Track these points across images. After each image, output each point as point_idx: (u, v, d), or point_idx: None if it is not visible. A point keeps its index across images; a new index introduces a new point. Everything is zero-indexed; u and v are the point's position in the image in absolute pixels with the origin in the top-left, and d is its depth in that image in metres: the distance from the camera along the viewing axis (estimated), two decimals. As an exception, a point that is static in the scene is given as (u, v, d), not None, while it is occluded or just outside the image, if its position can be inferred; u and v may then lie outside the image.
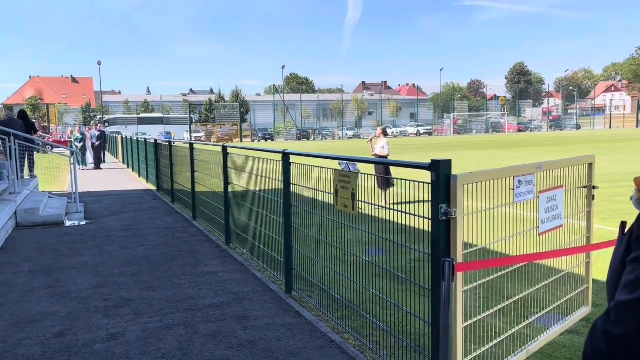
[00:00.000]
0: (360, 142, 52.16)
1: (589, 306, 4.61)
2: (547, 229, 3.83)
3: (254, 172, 6.85)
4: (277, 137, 65.30)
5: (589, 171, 4.43)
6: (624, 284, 1.13)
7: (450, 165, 3.01)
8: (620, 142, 34.47)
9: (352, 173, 4.15)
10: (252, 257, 6.91)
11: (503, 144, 36.64)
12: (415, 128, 68.27)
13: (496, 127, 69.72)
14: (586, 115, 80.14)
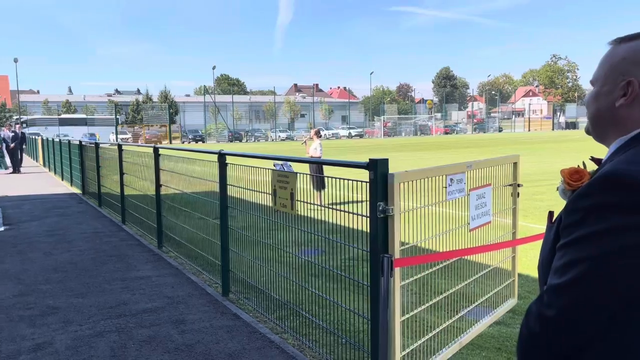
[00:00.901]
0: (293, 144, 52.31)
1: (515, 298, 4.86)
2: (477, 225, 4.01)
3: (187, 173, 6.72)
4: (208, 138, 64.22)
5: (514, 170, 4.68)
6: (555, 269, 1.21)
7: (387, 164, 3.09)
8: (538, 144, 36.52)
9: (290, 173, 4.16)
10: (186, 260, 6.78)
11: (431, 146, 37.92)
12: (347, 130, 69.25)
13: (424, 129, 71.98)
14: (507, 119, 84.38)
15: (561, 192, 1.36)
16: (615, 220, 1.11)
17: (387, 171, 3.08)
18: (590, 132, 1.39)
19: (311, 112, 77.90)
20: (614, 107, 1.28)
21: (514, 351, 4.14)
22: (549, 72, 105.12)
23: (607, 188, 1.13)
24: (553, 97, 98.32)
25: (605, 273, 1.12)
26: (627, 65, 1.26)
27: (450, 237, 3.85)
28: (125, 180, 9.68)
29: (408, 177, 3.18)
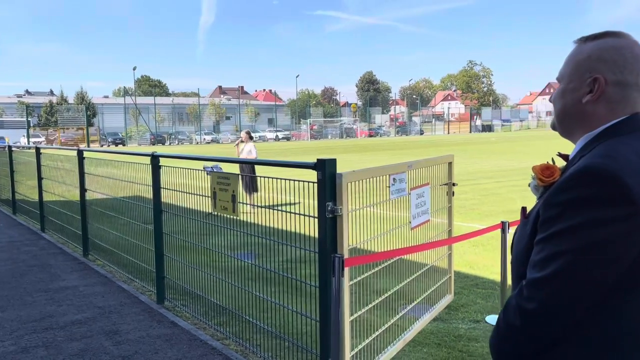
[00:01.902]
0: (220, 147, 51.47)
1: (452, 294, 5.01)
2: (417, 224, 4.09)
3: (115, 177, 6.42)
4: (129, 141, 61.87)
5: (449, 170, 4.83)
6: (534, 263, 1.24)
7: (335, 164, 3.09)
8: (457, 146, 38.08)
9: (232, 175, 4.07)
10: (115, 268, 6.46)
11: (358, 148, 38.57)
12: (274, 133, 69.06)
13: (349, 132, 73.11)
14: (428, 122, 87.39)
15: (533, 188, 1.40)
16: (593, 214, 1.14)
17: (335, 171, 3.07)
18: (556, 128, 1.44)
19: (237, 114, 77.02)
20: (581, 103, 1.33)
21: (453, 346, 4.26)
22: (465, 77, 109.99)
23: (585, 182, 1.17)
24: (470, 101, 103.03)
25: (585, 266, 1.15)
26: (593, 63, 1.31)
27: (393, 236, 3.91)
28: (44, 185, 9.11)
29: (356, 176, 3.19)
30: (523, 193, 12.98)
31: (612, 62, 1.29)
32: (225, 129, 76.14)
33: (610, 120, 1.29)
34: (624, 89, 1.29)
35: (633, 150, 1.20)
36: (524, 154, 27.89)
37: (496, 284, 5.87)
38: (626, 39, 1.31)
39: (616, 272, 1.15)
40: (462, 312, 5.04)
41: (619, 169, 1.14)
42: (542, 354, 1.26)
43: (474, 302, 5.34)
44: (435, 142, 46.74)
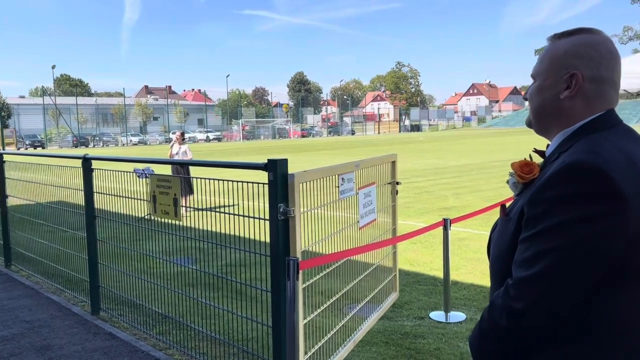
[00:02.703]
0: (147, 149, 49.84)
1: (397, 292, 5.05)
2: (365, 223, 4.08)
3: (42, 182, 6.01)
4: (49, 144, 58.72)
5: (393, 168, 4.86)
6: (520, 261, 1.21)
7: (286, 164, 3.01)
8: (388, 145, 38.87)
9: (174, 177, 3.89)
10: (43, 278, 6.05)
11: (293, 149, 38.52)
12: (204, 134, 67.73)
13: (282, 132, 72.94)
14: (359, 122, 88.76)
15: (512, 185, 1.38)
16: (581, 210, 1.13)
17: (287, 171, 2.99)
18: (532, 125, 1.43)
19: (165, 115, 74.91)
20: (558, 99, 1.32)
21: (400, 344, 4.29)
22: (394, 78, 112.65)
23: (571, 178, 1.16)
24: (399, 102, 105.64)
25: (573, 263, 1.14)
26: (570, 59, 1.31)
27: (341, 237, 3.87)
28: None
29: (307, 177, 3.13)
30: (455, 191, 13.41)
31: (589, 58, 1.29)
32: (152, 130, 73.80)
33: (587, 116, 1.30)
34: (600, 84, 1.29)
35: (614, 146, 1.20)
36: (452, 152, 28.86)
37: (437, 280, 5.99)
38: (600, 35, 1.32)
39: (604, 267, 1.14)
40: (407, 310, 5.10)
41: (604, 165, 1.14)
42: (529, 353, 1.25)
43: (417, 299, 5.41)
44: (367, 142, 47.51)
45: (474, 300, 5.28)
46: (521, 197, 1.32)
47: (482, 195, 12.45)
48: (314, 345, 3.49)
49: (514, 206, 1.34)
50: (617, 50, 1.31)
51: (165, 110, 75.63)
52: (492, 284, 1.41)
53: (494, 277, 1.38)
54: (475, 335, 1.36)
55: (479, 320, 1.35)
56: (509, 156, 24.18)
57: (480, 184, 14.45)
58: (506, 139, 42.86)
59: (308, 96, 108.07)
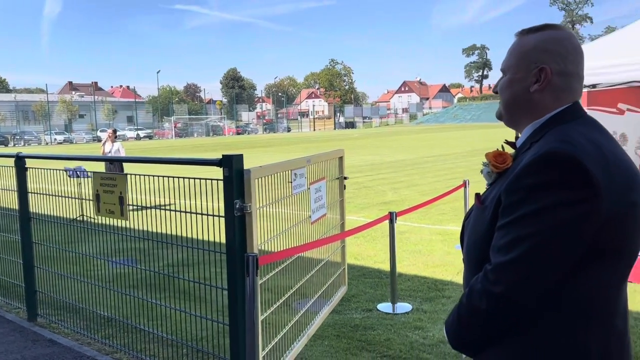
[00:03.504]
0: (74, 147, 47.64)
1: (346, 285, 5.12)
2: (316, 218, 4.11)
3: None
4: (-37, 143, 54.91)
5: (340, 164, 4.91)
6: (498, 247, 1.27)
7: (242, 160, 2.98)
8: (324, 142, 39.16)
9: (119, 175, 3.75)
10: (-30, 285, 5.67)
11: (228, 146, 37.98)
12: (134, 132, 65.50)
13: (216, 130, 71.79)
14: (294, 119, 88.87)
15: (486, 175, 1.44)
16: (557, 197, 1.20)
17: (243, 167, 2.96)
18: (502, 117, 1.50)
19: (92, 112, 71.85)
20: (529, 92, 1.39)
21: (351, 336, 4.35)
22: (328, 76, 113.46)
23: (547, 167, 1.22)
24: (333, 99, 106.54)
25: (550, 247, 1.21)
26: (539, 54, 1.38)
27: (293, 233, 3.87)
28: None
29: (264, 172, 3.11)
30: (393, 185, 13.72)
31: (556, 53, 1.37)
32: (78, 128, 70.49)
33: (555, 108, 1.37)
34: (567, 78, 1.37)
35: (582, 135, 1.28)
36: (387, 148, 29.48)
37: (382, 273, 6.11)
38: (565, 31, 1.40)
39: (579, 251, 1.22)
40: (354, 303, 5.17)
41: (578, 154, 1.21)
42: (507, 336, 1.31)
43: (364, 292, 5.50)
44: (303, 139, 47.66)
45: (419, 291, 5.43)
46: (496, 186, 1.37)
47: (419, 189, 12.82)
48: (270, 342, 3.48)
49: (489, 195, 1.39)
50: (580, 46, 1.40)
51: (92, 107, 72.53)
52: (466, 271, 1.46)
53: (469, 264, 1.43)
54: (453, 319, 1.41)
55: (457, 305, 1.40)
56: (440, 152, 25.00)
57: (416, 179, 14.87)
58: (437, 135, 44.28)
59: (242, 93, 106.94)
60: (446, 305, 4.97)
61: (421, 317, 4.71)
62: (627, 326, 1.34)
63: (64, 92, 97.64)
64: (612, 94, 8.26)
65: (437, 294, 5.31)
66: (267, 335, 3.58)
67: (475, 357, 1.42)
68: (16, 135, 59.45)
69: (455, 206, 10.01)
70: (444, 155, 23.06)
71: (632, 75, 6.24)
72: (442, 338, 4.24)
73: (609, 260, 1.25)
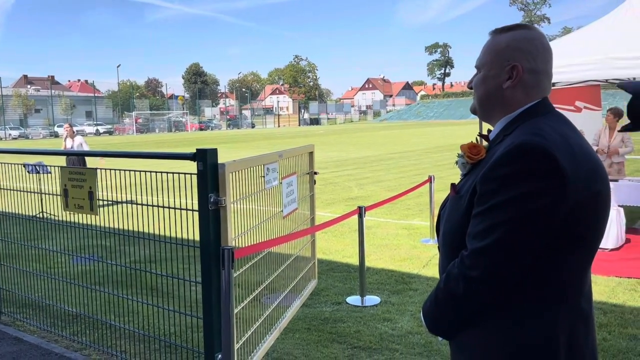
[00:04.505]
0: (29, 143, 46.21)
1: (316, 279, 5.18)
2: (288, 212, 4.15)
3: None
4: None
5: (310, 159, 4.97)
6: (474, 234, 1.35)
7: (216, 154, 2.99)
8: (289, 139, 39.12)
9: (88, 169, 3.71)
10: None
11: (191, 142, 37.50)
12: (94, 127, 63.97)
13: (179, 125, 70.73)
14: (258, 115, 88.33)
15: (460, 165, 1.52)
16: (529, 186, 1.28)
17: (217, 161, 2.98)
18: (476, 112, 1.58)
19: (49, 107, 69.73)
20: (501, 88, 1.48)
21: (321, 329, 4.42)
22: (292, 72, 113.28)
23: (520, 158, 1.31)
24: (297, 95, 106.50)
25: (523, 233, 1.29)
26: (511, 52, 1.46)
27: (265, 227, 3.90)
28: None
29: (238, 166, 3.14)
30: (358, 181, 13.86)
31: (527, 52, 1.45)
32: (34, 123, 68.31)
33: (526, 104, 1.46)
34: (537, 75, 1.46)
35: (552, 129, 1.37)
36: (351, 145, 29.69)
37: (350, 267, 6.21)
38: (535, 31, 1.49)
39: (550, 236, 1.31)
40: (324, 296, 5.24)
41: (548, 145, 1.30)
42: (482, 320, 1.39)
43: (333, 285, 5.58)
44: (268, 135, 47.50)
45: (387, 284, 5.55)
46: (470, 177, 1.45)
47: (384, 185, 13.00)
48: (243, 336, 3.51)
49: (464, 185, 1.47)
50: (550, 46, 1.49)
51: (48, 102, 70.33)
52: (442, 257, 1.54)
53: (445, 251, 1.51)
54: (430, 304, 1.48)
55: (434, 290, 1.48)
56: (404, 148, 25.36)
57: (381, 175, 15.06)
58: (400, 132, 44.85)
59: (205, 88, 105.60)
60: (413, 298, 5.10)
61: (389, 309, 4.81)
62: (591, 309, 1.44)
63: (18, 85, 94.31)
64: (570, 92, 8.59)
65: (405, 287, 5.43)
66: (239, 329, 3.61)
67: (451, 340, 1.50)
68: (-33, 130, 57.27)
69: (420, 201, 10.21)
70: (408, 151, 23.40)
71: (588, 74, 6.52)
72: (411, 329, 4.36)
73: (576, 246, 1.35)
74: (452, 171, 14.39)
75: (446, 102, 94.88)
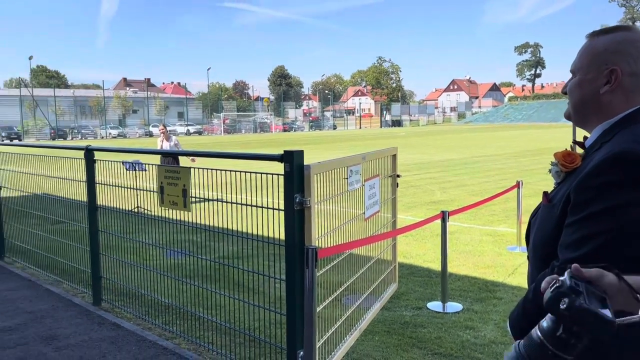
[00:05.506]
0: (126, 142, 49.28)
1: (396, 283, 5.16)
2: (370, 214, 4.18)
3: (39, 173, 5.97)
4: (26, 136, 57.67)
5: (393, 161, 4.96)
6: (567, 244, 1.31)
7: (303, 155, 3.07)
8: (370, 140, 39.05)
9: (183, 168, 3.93)
10: (39, 270, 6.03)
11: (277, 143, 38.42)
12: (185, 127, 67.16)
13: (264, 126, 72.69)
14: (340, 117, 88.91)
15: (554, 174, 1.47)
16: (626, 196, 1.23)
17: (303, 162, 3.06)
18: (570, 117, 1.53)
19: (144, 108, 74.09)
20: (599, 93, 1.42)
21: (402, 333, 4.40)
22: (375, 73, 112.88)
23: (617, 166, 1.25)
24: (380, 97, 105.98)
25: (620, 244, 1.24)
26: (609, 55, 1.40)
27: (347, 228, 3.95)
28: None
29: (323, 168, 3.20)
30: (441, 185, 13.60)
31: (628, 54, 1.39)
32: (132, 123, 72.84)
33: (626, 109, 1.39)
34: (638, 79, 1.39)
35: None
36: (434, 147, 29.15)
37: (432, 272, 6.12)
38: (637, 33, 1.42)
39: None
40: (404, 300, 5.21)
41: None
42: None
43: (413, 290, 5.53)
44: (350, 137, 47.67)
45: (469, 291, 5.42)
46: (564, 185, 1.41)
47: (468, 189, 12.67)
48: (324, 335, 3.57)
49: (557, 193, 1.43)
50: None
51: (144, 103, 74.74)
52: (531, 267, 1.50)
53: (535, 261, 1.47)
54: (517, 314, 1.45)
55: (522, 300, 1.44)
56: (490, 152, 24.54)
57: (465, 179, 14.68)
58: (486, 135, 43.43)
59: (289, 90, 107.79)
60: (498, 306, 4.95)
61: (472, 317, 4.70)
62: None
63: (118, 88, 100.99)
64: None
65: (488, 295, 5.28)
66: (320, 328, 3.68)
67: None
68: (74, 129, 62.00)
69: (506, 207, 9.86)
70: (494, 155, 22.63)
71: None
72: (495, 338, 4.24)
73: None
74: (541, 177, 13.76)
75: (536, 104, 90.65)
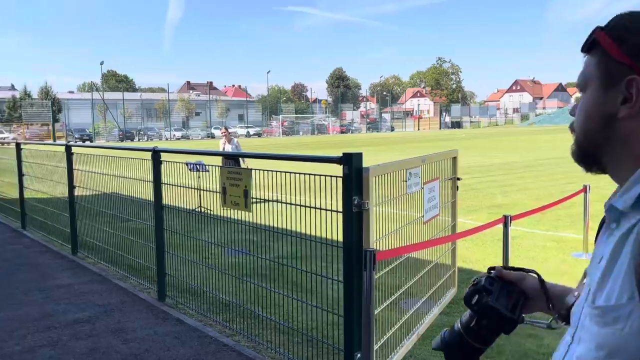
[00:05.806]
0: (189, 143, 50.85)
1: (456, 288, 5.08)
2: (429, 218, 4.13)
3: (109, 173, 6.28)
4: (97, 138, 60.60)
5: (453, 164, 4.88)
6: None
7: (361, 158, 3.09)
8: (429, 142, 38.50)
9: (244, 170, 4.03)
10: (108, 265, 6.33)
11: (334, 145, 38.58)
12: (245, 129, 68.59)
13: (321, 128, 73.12)
14: (398, 118, 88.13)
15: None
16: None
17: (362, 165, 3.07)
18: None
19: (207, 110, 76.18)
20: None
21: (460, 338, 4.32)
22: (434, 74, 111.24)
23: None
24: (439, 98, 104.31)
25: None
26: None
27: (405, 231, 3.93)
28: (26, 182, 8.85)
29: (382, 170, 3.21)
30: (503, 188, 13.24)
31: None
32: (194, 125, 75.10)
33: None
34: None
35: None
36: (496, 149, 28.40)
37: (492, 277, 5.97)
38: None
39: None
40: (463, 306, 5.09)
41: None
42: None
43: (473, 295, 5.42)
44: (408, 139, 47.18)
45: (532, 298, 5.25)
46: None
47: (531, 193, 12.27)
48: (381, 338, 3.57)
49: None
50: None
51: (207, 105, 76.82)
52: None
53: None
54: None
55: None
56: (555, 154, 23.64)
57: (528, 182, 14.22)
58: (551, 137, 41.88)
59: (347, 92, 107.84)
60: (562, 315, 4.77)
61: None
62: None
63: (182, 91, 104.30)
64: None
65: (552, 303, 5.10)
66: (378, 330, 3.68)
67: None
68: (140, 131, 64.62)
69: (572, 212, 9.47)
70: (559, 158, 21.78)
71: None
72: (558, 347, 4.09)
73: None
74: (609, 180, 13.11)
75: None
